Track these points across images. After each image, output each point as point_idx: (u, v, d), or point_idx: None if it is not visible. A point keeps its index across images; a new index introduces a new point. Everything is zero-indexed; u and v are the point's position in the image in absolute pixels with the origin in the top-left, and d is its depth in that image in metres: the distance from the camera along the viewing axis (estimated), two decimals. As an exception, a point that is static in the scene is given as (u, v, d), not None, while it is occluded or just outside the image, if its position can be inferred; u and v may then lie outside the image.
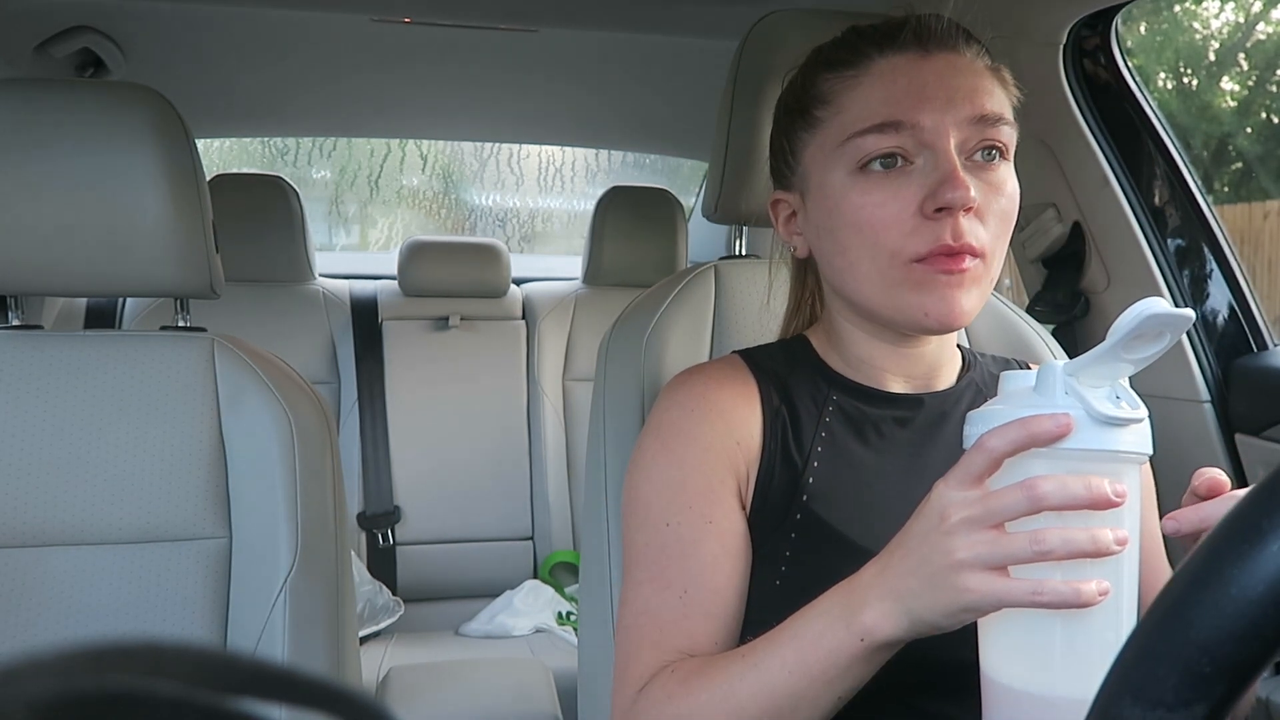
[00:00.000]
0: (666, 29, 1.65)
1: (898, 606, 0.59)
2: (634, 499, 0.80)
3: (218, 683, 0.22)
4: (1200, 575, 0.34)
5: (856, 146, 0.74)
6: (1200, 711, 0.32)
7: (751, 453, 0.79)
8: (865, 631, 0.60)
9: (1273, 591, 0.32)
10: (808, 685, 0.63)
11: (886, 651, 0.62)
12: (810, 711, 0.64)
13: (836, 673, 0.62)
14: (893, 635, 0.60)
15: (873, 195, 0.73)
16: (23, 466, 0.97)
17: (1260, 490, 0.35)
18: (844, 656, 0.61)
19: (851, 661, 0.61)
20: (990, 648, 0.58)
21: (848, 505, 0.76)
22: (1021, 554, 0.53)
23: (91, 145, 0.96)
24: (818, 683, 0.63)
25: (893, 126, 0.72)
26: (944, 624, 0.58)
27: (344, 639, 1.02)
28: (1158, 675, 0.33)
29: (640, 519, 0.79)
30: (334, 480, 1.04)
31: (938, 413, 0.81)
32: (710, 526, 0.76)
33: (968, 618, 0.57)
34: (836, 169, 0.75)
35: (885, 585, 0.60)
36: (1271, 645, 0.32)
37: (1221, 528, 0.35)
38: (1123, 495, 0.53)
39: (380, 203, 3.10)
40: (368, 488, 2.12)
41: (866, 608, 0.60)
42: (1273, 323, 1.33)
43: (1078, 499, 0.52)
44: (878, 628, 0.60)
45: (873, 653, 0.61)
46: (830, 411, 0.80)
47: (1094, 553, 0.52)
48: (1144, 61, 2.32)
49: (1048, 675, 0.55)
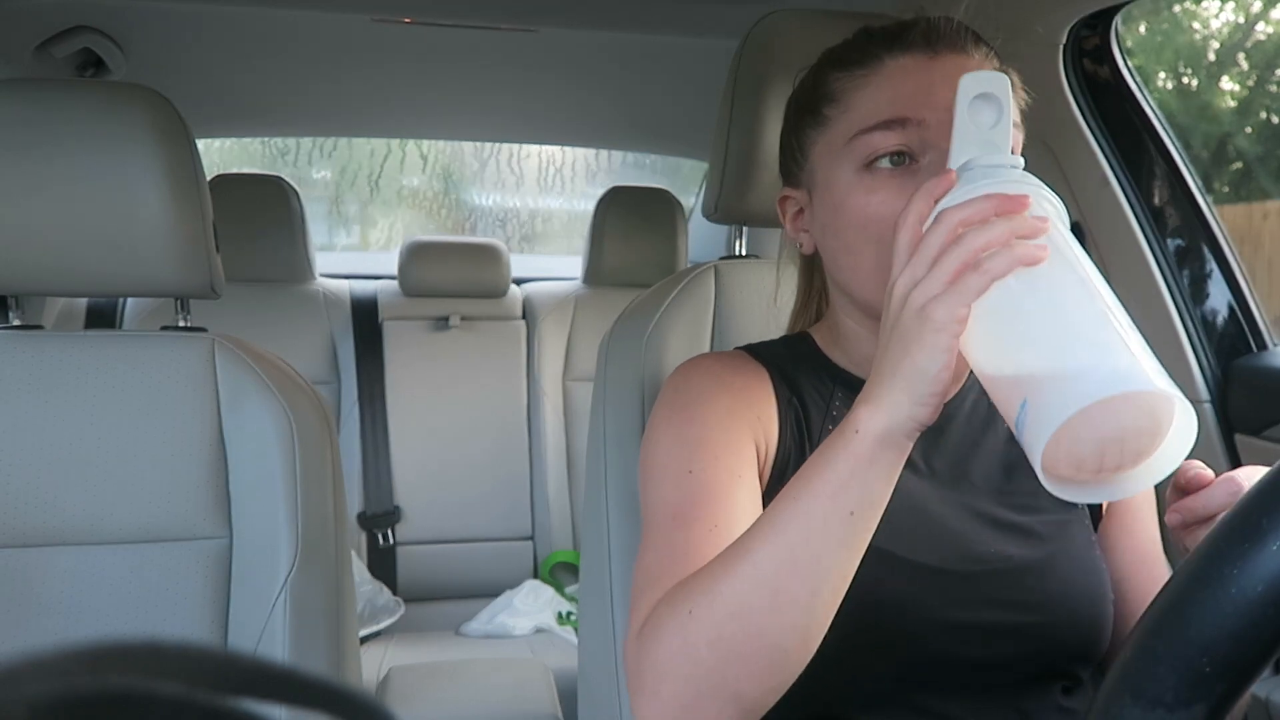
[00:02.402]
0: (666, 29, 1.65)
1: (884, 393, 0.59)
2: (650, 464, 0.76)
3: (218, 683, 0.22)
4: (1200, 575, 0.34)
5: (863, 144, 0.74)
6: (1200, 711, 0.32)
7: (770, 434, 0.78)
8: (857, 424, 0.59)
9: (1273, 591, 0.32)
10: (817, 515, 0.60)
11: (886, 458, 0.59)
12: (822, 547, 0.60)
13: (839, 484, 0.59)
14: (882, 424, 0.58)
15: (878, 193, 0.73)
16: (23, 466, 0.97)
17: (1260, 490, 0.35)
18: (844, 466, 0.59)
19: (853, 471, 0.59)
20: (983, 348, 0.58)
21: None
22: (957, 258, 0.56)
23: (91, 145, 0.96)
24: (825, 506, 0.59)
25: (899, 124, 0.72)
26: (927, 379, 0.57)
27: (344, 639, 1.02)
28: (1158, 675, 0.33)
29: (659, 476, 0.75)
30: (334, 480, 1.04)
31: (941, 415, 0.81)
32: (739, 480, 0.73)
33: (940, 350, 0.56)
34: (843, 166, 0.76)
35: (870, 386, 0.60)
36: (1271, 645, 0.32)
37: (1221, 528, 0.35)
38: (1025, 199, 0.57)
39: (380, 203, 3.09)
40: (368, 488, 2.12)
41: (857, 410, 0.60)
42: (1273, 323, 1.33)
43: (983, 208, 0.57)
44: (870, 419, 0.59)
45: (872, 454, 0.59)
46: (837, 407, 0.80)
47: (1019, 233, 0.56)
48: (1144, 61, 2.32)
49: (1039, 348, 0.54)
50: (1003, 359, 0.56)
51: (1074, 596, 0.75)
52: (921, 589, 0.72)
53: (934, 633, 0.72)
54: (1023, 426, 0.52)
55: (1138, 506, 0.86)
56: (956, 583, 0.73)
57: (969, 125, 0.62)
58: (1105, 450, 0.54)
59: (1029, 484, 0.80)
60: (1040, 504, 0.79)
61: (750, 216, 1.07)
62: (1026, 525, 0.77)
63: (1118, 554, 0.84)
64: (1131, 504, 0.86)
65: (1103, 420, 0.53)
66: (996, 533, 0.76)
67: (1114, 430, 0.53)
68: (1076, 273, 0.56)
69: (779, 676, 0.61)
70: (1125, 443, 0.54)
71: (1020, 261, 0.55)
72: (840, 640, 0.72)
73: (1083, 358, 0.52)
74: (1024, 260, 0.55)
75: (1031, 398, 0.52)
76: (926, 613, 0.72)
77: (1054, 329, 0.54)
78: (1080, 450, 0.54)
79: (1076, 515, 0.80)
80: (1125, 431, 0.53)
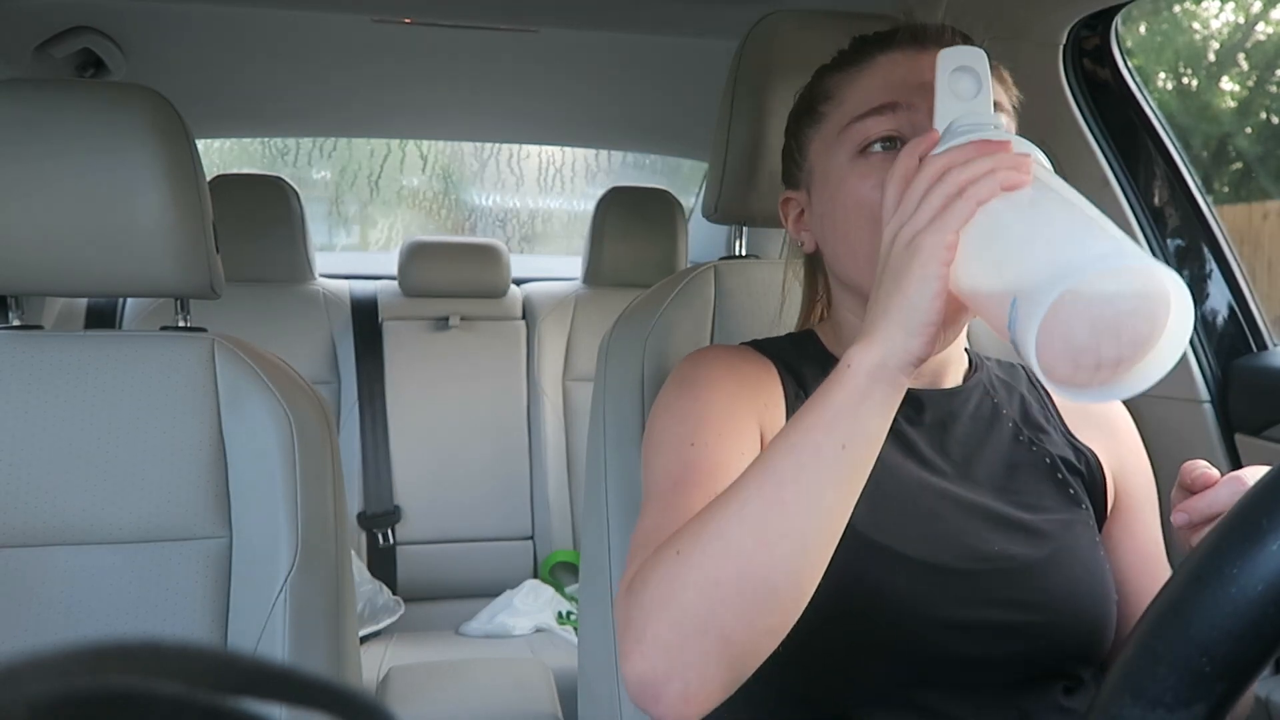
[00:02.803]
0: (666, 29, 1.65)
1: (876, 329, 0.59)
2: (652, 438, 0.76)
3: (218, 683, 0.22)
4: (1200, 574, 0.34)
5: (856, 130, 0.76)
6: (1200, 711, 0.32)
7: (775, 423, 0.78)
8: (850, 360, 0.59)
9: (1273, 591, 0.32)
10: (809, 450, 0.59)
11: (879, 392, 0.59)
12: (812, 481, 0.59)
13: (831, 419, 0.59)
14: (875, 357, 0.58)
15: (871, 178, 0.75)
16: (23, 466, 0.97)
17: (1261, 490, 0.35)
18: (836, 401, 0.59)
19: (845, 405, 0.59)
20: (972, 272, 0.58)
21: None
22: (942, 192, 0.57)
23: (91, 145, 0.96)
24: (817, 440, 0.59)
25: (890, 108, 0.75)
26: (918, 310, 0.57)
27: (344, 639, 1.02)
28: (1158, 675, 0.33)
29: (661, 448, 0.75)
30: (334, 480, 1.04)
31: (946, 410, 0.81)
32: (741, 457, 0.72)
33: (930, 279, 0.57)
34: (838, 155, 0.78)
35: (864, 327, 0.61)
36: (1271, 645, 0.32)
37: (1221, 527, 0.35)
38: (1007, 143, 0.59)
39: (380, 203, 3.09)
40: (368, 488, 2.12)
41: (850, 349, 0.60)
42: (1273, 323, 1.33)
43: (967, 151, 0.58)
44: (863, 354, 0.59)
45: (865, 388, 0.59)
46: None
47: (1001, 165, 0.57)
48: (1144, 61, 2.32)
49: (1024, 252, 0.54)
50: (990, 273, 0.56)
51: (1078, 596, 0.75)
52: (923, 587, 0.72)
53: (935, 631, 0.72)
54: (1014, 325, 0.52)
55: (1140, 506, 0.86)
56: (959, 581, 0.73)
57: (949, 96, 0.64)
58: (1102, 345, 0.54)
59: (1034, 482, 0.80)
60: (1045, 502, 0.79)
61: (750, 216, 1.07)
62: (1031, 523, 0.77)
63: (1120, 554, 0.84)
64: (1134, 504, 0.86)
65: (1094, 309, 0.53)
66: (1001, 531, 0.76)
67: (1108, 322, 0.53)
68: (1059, 190, 0.57)
69: (768, 619, 0.59)
70: (1121, 336, 0.53)
71: (1003, 184, 0.56)
72: (840, 637, 0.72)
73: (1068, 249, 0.52)
74: (1006, 184, 0.56)
75: (1020, 294, 0.52)
76: (928, 611, 0.72)
77: (1038, 232, 0.54)
78: (1076, 344, 0.54)
79: (1081, 515, 0.80)
80: (1120, 323, 0.53)
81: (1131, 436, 0.88)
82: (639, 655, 0.59)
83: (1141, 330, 0.53)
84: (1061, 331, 0.53)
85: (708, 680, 0.58)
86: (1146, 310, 0.53)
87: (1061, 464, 0.82)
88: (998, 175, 0.56)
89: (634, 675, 0.59)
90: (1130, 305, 0.53)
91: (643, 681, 0.59)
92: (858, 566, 0.72)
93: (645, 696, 0.59)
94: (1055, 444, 0.83)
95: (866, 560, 0.72)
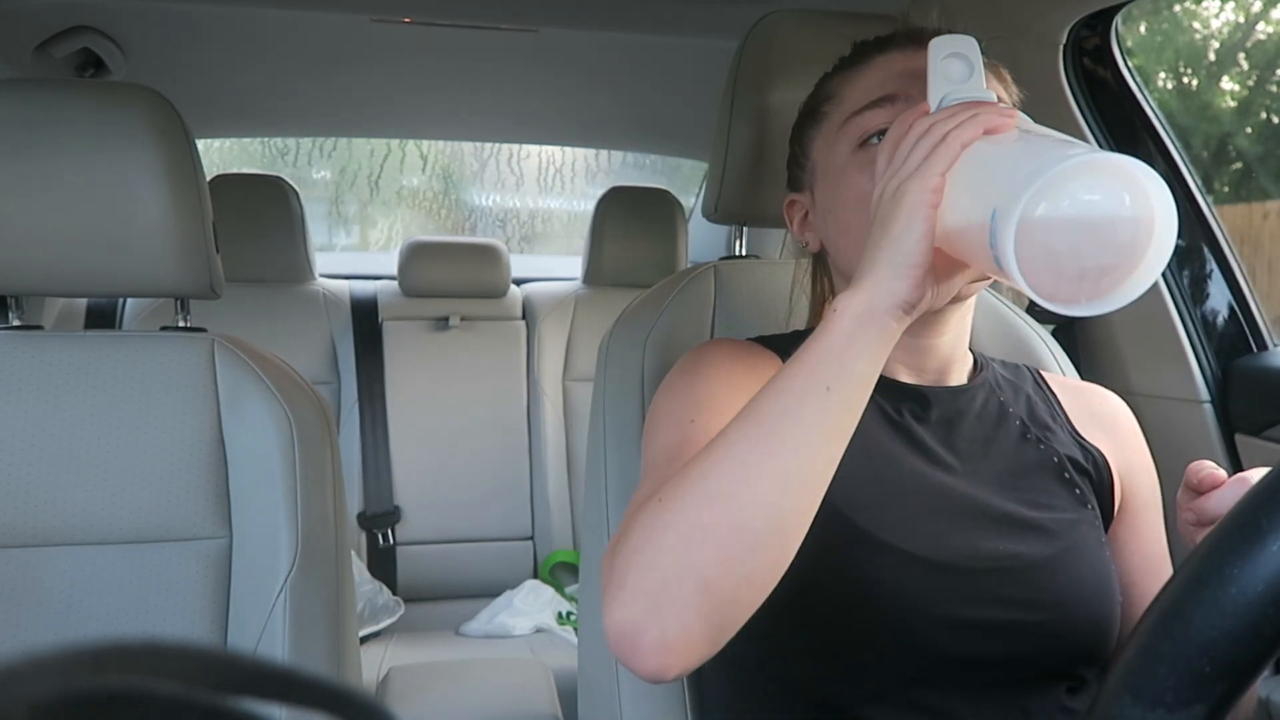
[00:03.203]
0: (666, 29, 1.65)
1: (863, 276, 0.60)
2: (653, 418, 0.76)
3: (218, 683, 0.22)
4: (1200, 575, 0.34)
5: (856, 124, 0.77)
6: (1200, 711, 0.32)
7: None
8: (836, 305, 0.60)
9: (1273, 591, 0.32)
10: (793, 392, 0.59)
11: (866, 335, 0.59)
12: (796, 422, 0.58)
13: (817, 361, 0.59)
14: (861, 301, 0.59)
15: (871, 169, 0.74)
16: (23, 466, 0.97)
17: (1260, 490, 0.35)
18: (822, 344, 0.59)
19: (830, 347, 0.59)
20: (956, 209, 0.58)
21: (859, 493, 0.76)
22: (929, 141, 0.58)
23: (91, 145, 0.95)
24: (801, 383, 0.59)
25: (888, 100, 0.75)
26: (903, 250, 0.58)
27: (344, 639, 1.02)
28: (1158, 675, 0.33)
29: (660, 425, 0.75)
30: (334, 480, 1.04)
31: (953, 408, 0.81)
32: None
33: (915, 220, 0.58)
34: (839, 149, 0.79)
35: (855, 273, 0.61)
36: (1271, 645, 0.32)
37: (1221, 528, 0.35)
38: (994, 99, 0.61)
39: (380, 203, 3.09)
40: (368, 488, 2.12)
41: (838, 298, 0.61)
42: (1273, 323, 1.33)
43: (954, 109, 0.60)
44: (849, 299, 0.60)
45: (851, 331, 0.59)
46: None
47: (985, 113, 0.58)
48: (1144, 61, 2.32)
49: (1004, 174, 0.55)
50: (974, 205, 0.56)
51: (1083, 596, 0.75)
52: (927, 585, 0.72)
53: (939, 629, 0.72)
54: (994, 240, 0.53)
55: (1145, 507, 0.86)
56: (963, 579, 0.73)
57: (941, 79, 0.65)
58: (1083, 250, 0.53)
59: (1042, 481, 0.80)
60: (1053, 501, 0.79)
61: (750, 216, 1.07)
62: (1038, 521, 0.77)
63: (1125, 555, 0.84)
64: (1140, 505, 0.86)
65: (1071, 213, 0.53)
66: (1007, 529, 0.76)
67: (1087, 226, 0.53)
68: (1043, 130, 0.58)
69: (748, 564, 0.57)
70: (1103, 241, 0.53)
71: (985, 126, 0.57)
72: (844, 634, 0.72)
73: (1044, 160, 0.52)
74: (989, 126, 0.57)
75: (999, 207, 0.53)
76: (932, 609, 0.72)
77: (1021, 162, 0.54)
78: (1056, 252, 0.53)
79: (1087, 515, 0.80)
80: (1099, 227, 0.53)
81: (1136, 437, 0.88)
82: (618, 604, 0.57)
83: (1124, 237, 0.53)
84: (1040, 240, 0.53)
85: (687, 629, 0.56)
86: (1128, 215, 0.53)
87: (1069, 463, 0.82)
88: (980, 119, 0.57)
89: (613, 625, 0.57)
90: (1110, 209, 0.53)
91: (621, 630, 0.57)
92: (861, 563, 0.72)
93: (623, 646, 0.57)
94: (1062, 443, 0.83)
95: (870, 557, 0.72)
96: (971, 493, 0.77)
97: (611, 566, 0.59)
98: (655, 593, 0.56)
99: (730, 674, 0.82)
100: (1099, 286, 0.54)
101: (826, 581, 0.72)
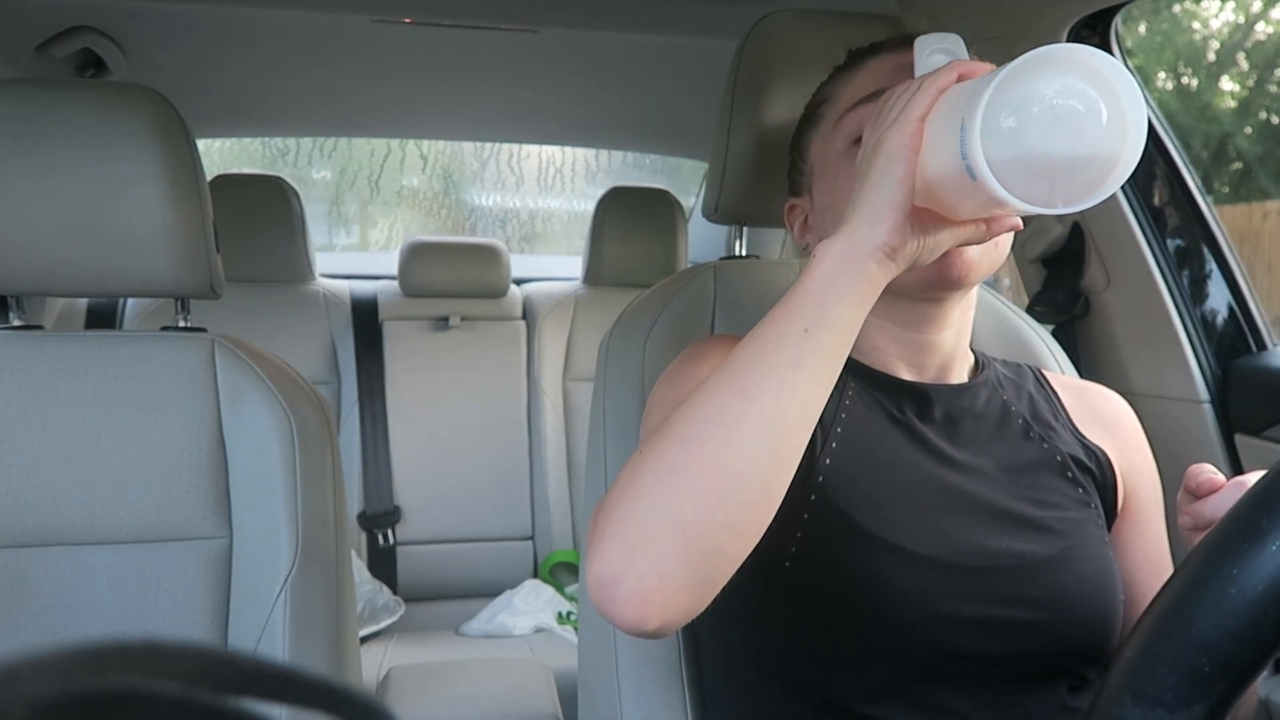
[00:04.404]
0: (666, 29, 1.65)
1: (843, 223, 0.60)
2: (649, 408, 0.78)
3: (218, 683, 0.22)
4: (1200, 575, 0.34)
5: (850, 120, 0.78)
6: (1200, 711, 0.32)
7: None
8: (816, 251, 0.60)
9: (1272, 591, 0.32)
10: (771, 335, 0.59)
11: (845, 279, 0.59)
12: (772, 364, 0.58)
13: (795, 305, 0.59)
14: (841, 245, 0.59)
15: None
16: (23, 466, 0.97)
17: (1260, 490, 0.35)
18: (800, 289, 0.60)
19: (808, 291, 0.59)
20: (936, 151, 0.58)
21: (862, 490, 0.76)
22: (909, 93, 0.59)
23: (91, 145, 0.96)
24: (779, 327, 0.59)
25: (879, 95, 0.75)
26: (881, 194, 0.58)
27: (344, 639, 1.02)
28: (1158, 675, 0.33)
29: (655, 408, 0.76)
30: (334, 480, 1.04)
31: (956, 406, 0.81)
32: None
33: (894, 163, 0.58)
34: (834, 146, 0.80)
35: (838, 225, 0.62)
36: (1271, 645, 0.32)
37: (1221, 528, 0.35)
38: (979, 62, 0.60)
39: (380, 203, 3.09)
40: (368, 488, 2.12)
41: (819, 244, 0.61)
42: (1273, 323, 1.33)
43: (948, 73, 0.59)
44: (828, 245, 0.60)
45: (829, 275, 0.59)
46: (850, 395, 0.80)
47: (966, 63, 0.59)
48: (1144, 61, 2.32)
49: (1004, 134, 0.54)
50: (946, 134, 0.56)
51: (1086, 595, 0.75)
52: (930, 583, 0.72)
53: (941, 627, 0.72)
54: (964, 147, 0.53)
55: (1147, 507, 0.86)
56: (965, 577, 0.73)
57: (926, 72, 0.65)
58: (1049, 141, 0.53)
59: (1045, 479, 0.80)
60: (1056, 500, 0.79)
61: (750, 216, 1.07)
62: (1041, 520, 0.77)
63: (1128, 554, 0.84)
64: (1142, 505, 0.86)
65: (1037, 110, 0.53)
66: (1010, 528, 0.76)
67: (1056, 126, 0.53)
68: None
69: (727, 509, 0.56)
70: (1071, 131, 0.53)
71: (960, 71, 0.58)
72: (846, 632, 0.72)
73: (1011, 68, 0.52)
74: (965, 71, 0.58)
75: (965, 116, 0.53)
76: (934, 607, 0.72)
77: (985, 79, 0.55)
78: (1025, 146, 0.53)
79: (1090, 514, 0.80)
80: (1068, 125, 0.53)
81: (1138, 437, 0.88)
82: (598, 553, 0.56)
83: (1093, 131, 0.53)
84: (1008, 138, 0.53)
85: (665, 576, 0.55)
86: (1093, 106, 0.53)
87: (1072, 462, 0.82)
88: (954, 66, 0.58)
89: (592, 576, 0.57)
90: (1074, 102, 0.53)
91: (600, 580, 0.56)
92: (863, 560, 0.72)
93: (601, 594, 0.56)
94: (1065, 442, 0.83)
95: (872, 554, 0.72)
96: (975, 490, 0.77)
97: (593, 524, 0.59)
98: (633, 540, 0.56)
99: (731, 671, 0.82)
100: (1073, 185, 0.54)
101: (828, 579, 0.72)
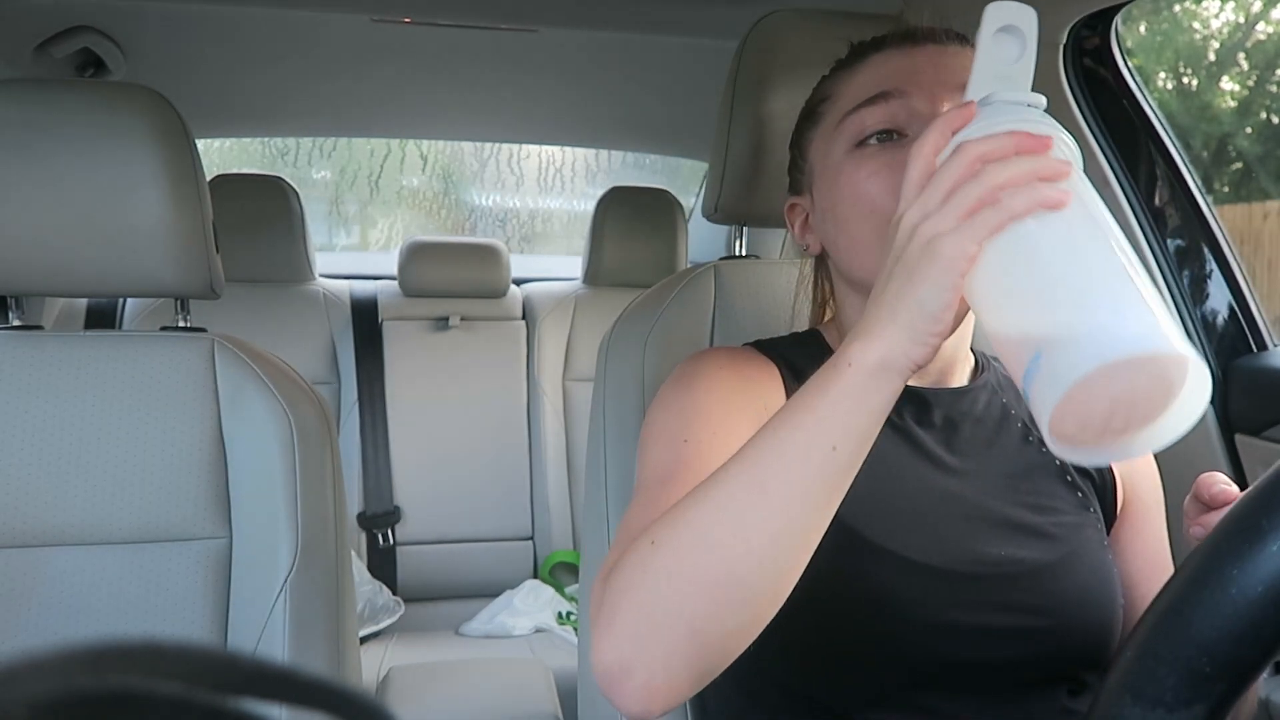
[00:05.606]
0: (666, 29, 1.65)
1: (881, 328, 0.55)
2: (646, 433, 0.75)
3: (218, 683, 0.22)
4: (1200, 575, 0.34)
5: (852, 122, 0.77)
6: (1200, 711, 0.32)
7: None
8: (850, 358, 0.56)
9: (1272, 591, 0.32)
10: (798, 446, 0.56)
11: (877, 394, 0.56)
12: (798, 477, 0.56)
13: (824, 416, 0.56)
14: (876, 358, 0.55)
15: (868, 165, 0.75)
16: (23, 466, 0.97)
17: (1260, 490, 0.35)
18: (831, 398, 0.56)
19: (839, 404, 0.56)
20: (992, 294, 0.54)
21: (862, 498, 0.75)
22: (974, 194, 0.53)
23: (91, 145, 0.96)
24: (806, 438, 0.56)
25: (884, 97, 0.75)
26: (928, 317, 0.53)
27: (344, 639, 1.02)
28: (1158, 675, 0.33)
29: (653, 442, 0.73)
30: (334, 480, 1.04)
31: (955, 410, 0.81)
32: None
33: (945, 288, 0.53)
34: (836, 148, 0.78)
35: (866, 319, 0.57)
36: (1271, 645, 0.32)
37: (1221, 529, 0.35)
38: (1049, 140, 0.54)
39: (380, 203, 3.09)
40: (368, 488, 2.12)
41: (850, 343, 0.57)
42: (1273, 323, 1.33)
43: (1005, 144, 0.53)
44: (864, 353, 0.55)
45: (863, 388, 0.55)
46: None
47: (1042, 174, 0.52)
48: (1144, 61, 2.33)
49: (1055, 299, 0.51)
50: (1014, 308, 0.52)
51: (1086, 600, 0.75)
52: (929, 591, 0.72)
53: (940, 634, 0.72)
54: (1032, 380, 0.49)
55: (1148, 508, 0.86)
56: (965, 585, 0.73)
57: (991, 58, 0.59)
58: (1114, 411, 0.51)
59: (1045, 484, 0.80)
60: (1055, 504, 0.79)
61: (750, 216, 1.07)
62: (1040, 526, 0.77)
63: (1127, 558, 0.84)
64: (1143, 506, 0.86)
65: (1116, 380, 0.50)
66: (1009, 534, 0.76)
67: (1126, 391, 0.51)
68: (1098, 223, 0.53)
69: (739, 616, 0.57)
70: (1136, 405, 0.51)
71: (1041, 204, 0.51)
72: (844, 639, 0.72)
73: (1102, 314, 0.49)
74: (1046, 203, 0.51)
75: (1045, 352, 0.49)
76: (932, 614, 0.72)
77: (1072, 280, 0.51)
78: (1089, 410, 0.51)
79: (1089, 518, 0.80)
80: (1137, 393, 0.51)
81: None
82: (607, 643, 0.57)
83: (1156, 401, 0.51)
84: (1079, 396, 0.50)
85: (673, 674, 0.56)
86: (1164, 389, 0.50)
87: (1072, 466, 0.81)
88: (1037, 191, 0.51)
89: (600, 663, 0.57)
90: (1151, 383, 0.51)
91: (608, 670, 0.57)
92: (863, 569, 0.72)
93: (609, 684, 0.57)
94: None
95: (872, 563, 0.72)
96: (974, 497, 0.77)
97: (601, 601, 0.59)
98: (644, 637, 0.56)
99: (731, 677, 0.82)
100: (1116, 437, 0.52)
101: (828, 587, 0.72)
